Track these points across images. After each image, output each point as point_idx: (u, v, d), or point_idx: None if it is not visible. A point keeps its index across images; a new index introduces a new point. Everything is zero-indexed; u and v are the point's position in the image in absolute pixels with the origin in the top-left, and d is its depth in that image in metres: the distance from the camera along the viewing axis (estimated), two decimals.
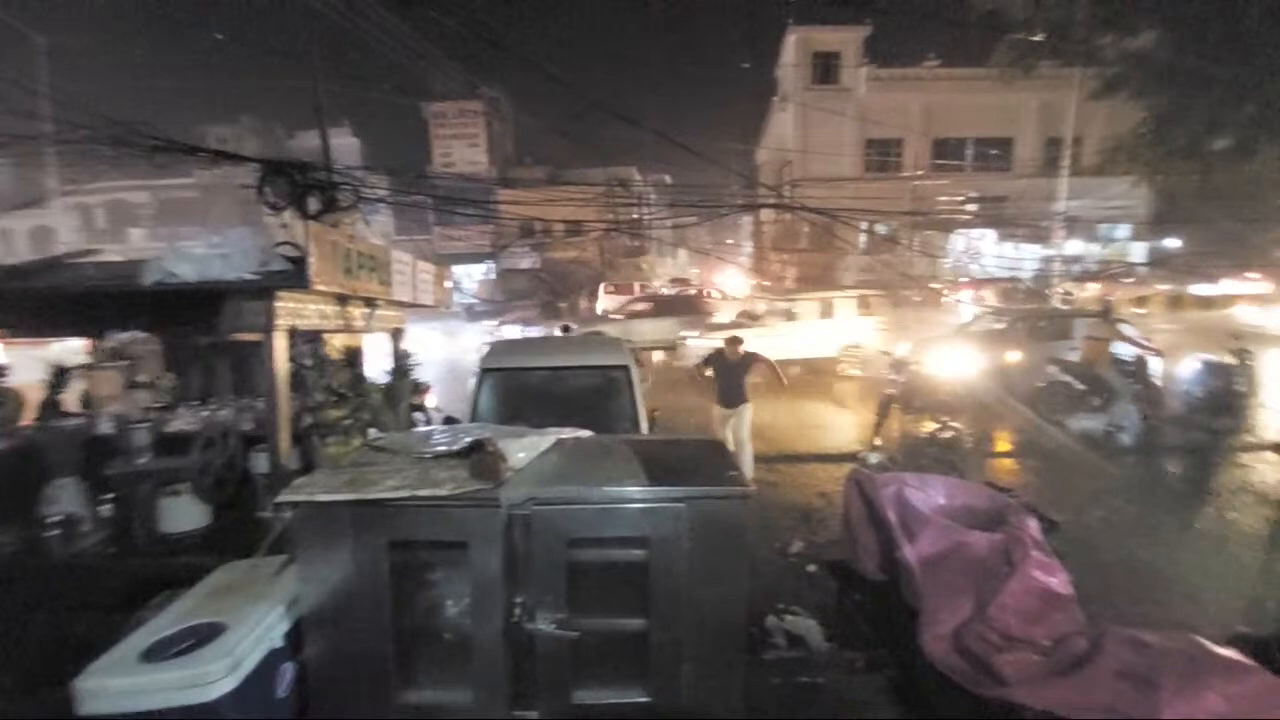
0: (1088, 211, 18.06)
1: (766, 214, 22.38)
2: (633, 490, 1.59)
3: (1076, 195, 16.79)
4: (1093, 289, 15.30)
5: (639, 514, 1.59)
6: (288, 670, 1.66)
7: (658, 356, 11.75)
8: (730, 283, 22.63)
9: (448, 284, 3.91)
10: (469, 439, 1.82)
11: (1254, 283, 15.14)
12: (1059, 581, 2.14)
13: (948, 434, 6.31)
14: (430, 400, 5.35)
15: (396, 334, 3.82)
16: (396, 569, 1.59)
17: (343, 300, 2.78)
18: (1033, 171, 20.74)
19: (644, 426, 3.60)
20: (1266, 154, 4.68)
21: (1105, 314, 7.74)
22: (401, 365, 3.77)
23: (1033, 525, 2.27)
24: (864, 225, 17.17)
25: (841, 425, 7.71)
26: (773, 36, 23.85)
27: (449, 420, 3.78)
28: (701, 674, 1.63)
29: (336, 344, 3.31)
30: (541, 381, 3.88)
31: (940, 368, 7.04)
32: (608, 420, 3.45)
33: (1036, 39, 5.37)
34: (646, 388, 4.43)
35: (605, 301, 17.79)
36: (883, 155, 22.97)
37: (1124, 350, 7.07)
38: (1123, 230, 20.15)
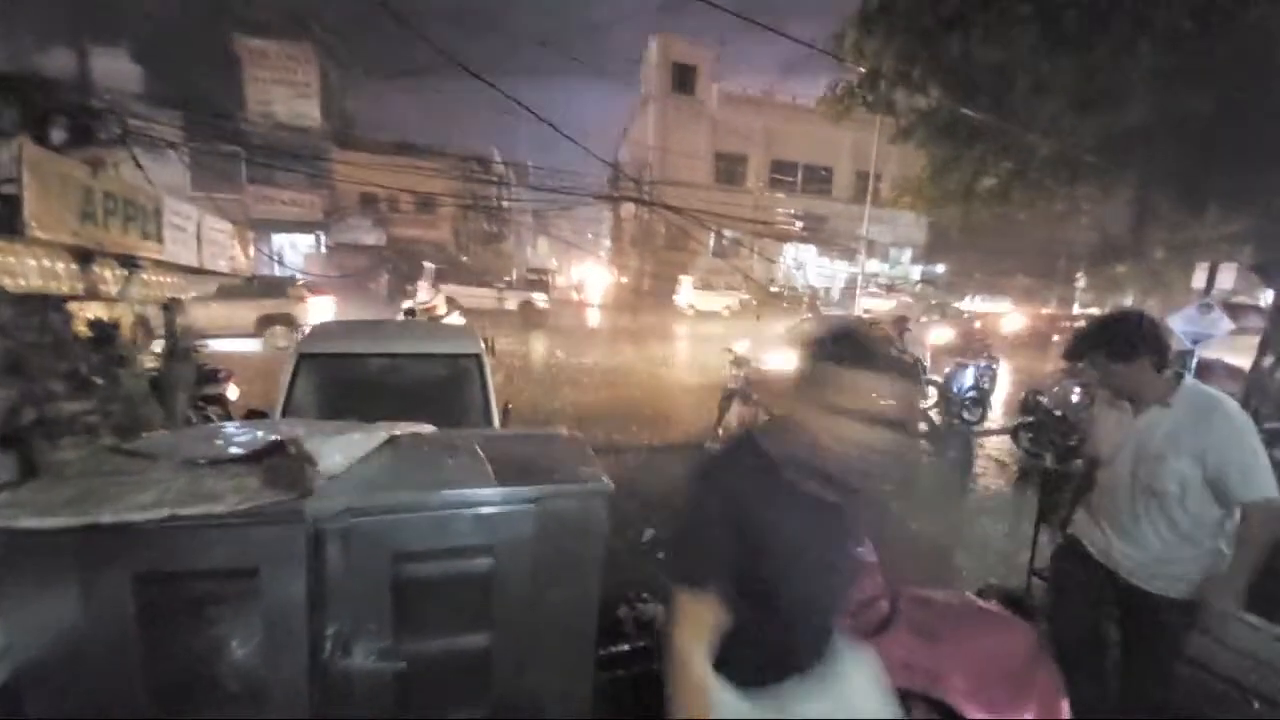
0: (883, 236, 21.54)
1: (626, 211, 22.85)
2: (476, 493, 1.40)
3: (876, 222, 19.98)
4: (887, 304, 18.20)
5: (483, 519, 1.41)
6: None
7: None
8: (591, 276, 22.70)
9: (252, 249, 3.23)
10: (266, 439, 1.48)
11: (1000, 301, 19.47)
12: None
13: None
14: (232, 391, 4.46)
15: (172, 305, 3.05)
16: (150, 609, 1.22)
17: (84, 257, 2.11)
18: (848, 198, 24.10)
19: (496, 422, 3.35)
20: (1018, 199, 5.91)
21: (902, 322, 9.20)
22: (178, 346, 3.03)
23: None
24: (713, 229, 18.39)
25: (689, 418, 8.15)
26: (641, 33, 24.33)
27: (252, 416, 3.15)
28: (549, 682, 1.52)
29: (89, 315, 2.54)
30: (376, 371, 3.40)
31: (774, 365, 7.75)
32: (456, 416, 3.12)
33: (854, 88, 6.19)
34: (499, 380, 4.16)
35: (424, 294, 13.95)
36: (730, 167, 24.84)
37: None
38: (907, 254, 24.32)
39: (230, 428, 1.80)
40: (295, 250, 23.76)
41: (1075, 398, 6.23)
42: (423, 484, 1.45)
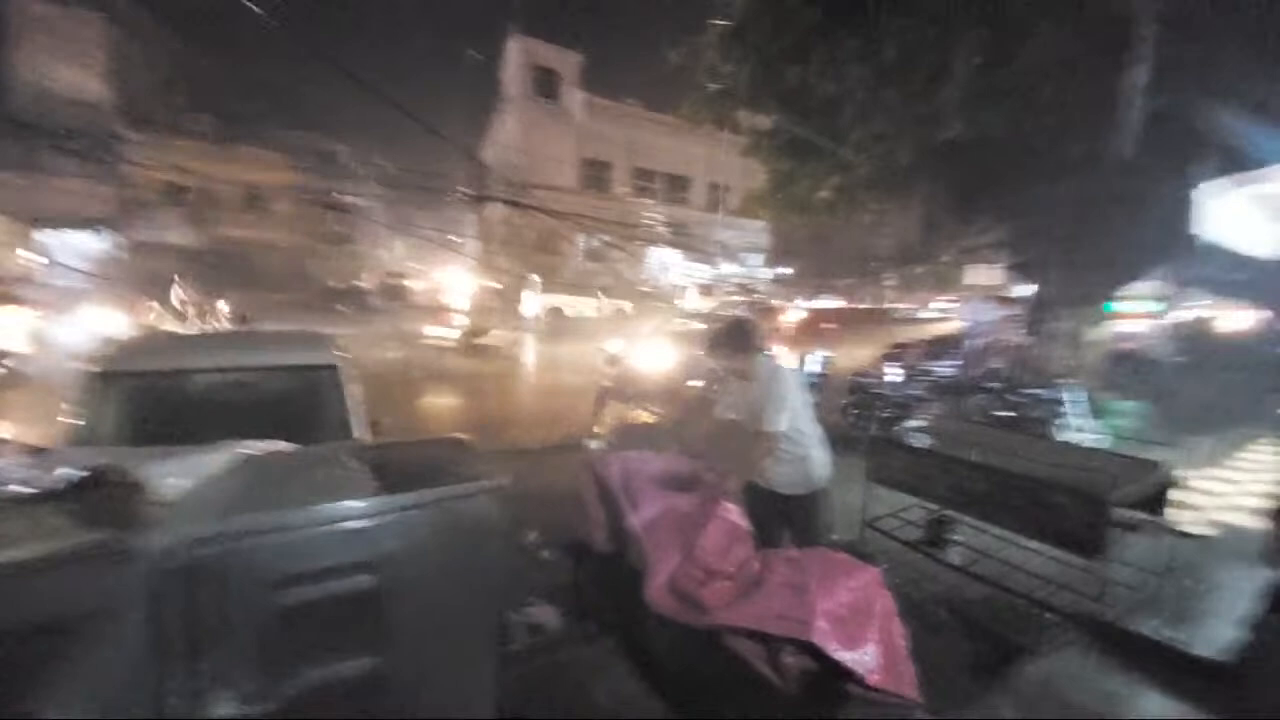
0: (736, 241, 23.48)
1: (494, 214, 22.14)
2: (351, 506, 1.31)
3: (729, 228, 21.71)
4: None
5: (364, 533, 1.32)
6: None
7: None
8: (455, 280, 21.55)
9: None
10: (78, 472, 1.24)
11: (835, 300, 22.10)
12: (738, 518, 2.64)
13: (654, 419, 7.28)
14: (3, 430, 3.56)
15: None
16: None
17: None
18: (703, 207, 25.83)
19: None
20: (843, 211, 6.82)
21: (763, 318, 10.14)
22: None
23: (720, 478, 2.76)
24: (583, 234, 18.57)
25: (566, 418, 8.15)
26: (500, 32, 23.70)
27: (38, 452, 2.56)
28: (451, 695, 1.47)
29: None
30: (205, 390, 2.93)
31: (646, 362, 8.07)
32: (310, 436, 2.80)
33: (710, 96, 6.70)
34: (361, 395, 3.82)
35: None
36: (596, 174, 25.25)
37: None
38: (756, 259, 26.68)
39: (17, 464, 1.47)
40: (67, 249, 19.35)
41: (892, 379, 7.35)
42: (286, 502, 1.31)
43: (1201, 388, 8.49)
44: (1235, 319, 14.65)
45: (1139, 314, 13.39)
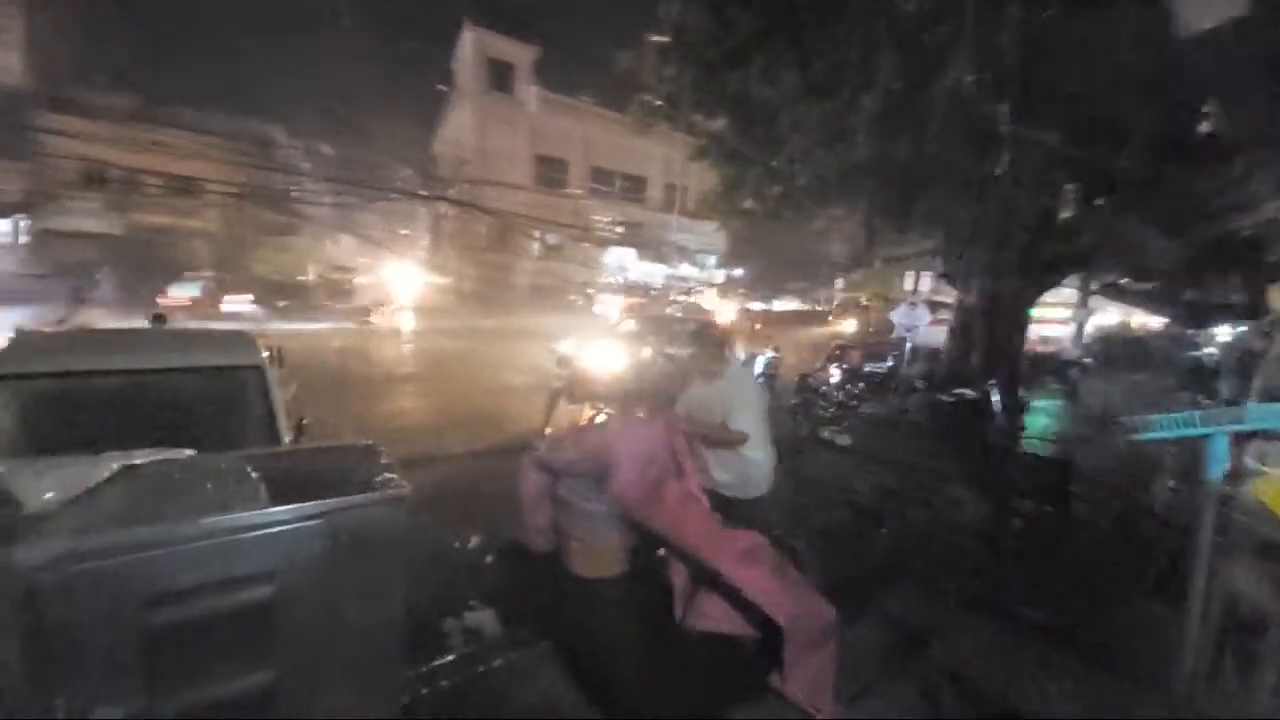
0: (691, 243, 23.79)
1: (445, 209, 21.61)
2: (243, 516, 1.29)
3: (684, 230, 21.98)
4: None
5: (257, 543, 1.30)
6: None
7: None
8: (403, 276, 20.93)
9: None
10: None
11: (786, 300, 22.83)
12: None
13: (602, 418, 7.31)
14: None
15: None
16: None
17: None
18: (659, 207, 26.02)
19: (286, 442, 2.95)
20: (787, 217, 7.04)
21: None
22: None
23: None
24: (536, 233, 18.38)
25: (514, 420, 8.08)
26: (453, 24, 23.12)
27: None
28: (348, 711, 1.46)
29: None
30: (108, 395, 2.75)
31: (596, 362, 8.10)
32: (230, 439, 2.66)
33: (656, 103, 6.78)
34: (290, 393, 3.68)
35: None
36: (551, 172, 24.99)
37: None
38: (712, 259, 27.14)
39: None
40: None
41: (834, 379, 7.66)
42: (172, 512, 1.27)
43: (1110, 389, 9.22)
44: (1143, 325, 16.04)
45: (1057, 320, 14.44)
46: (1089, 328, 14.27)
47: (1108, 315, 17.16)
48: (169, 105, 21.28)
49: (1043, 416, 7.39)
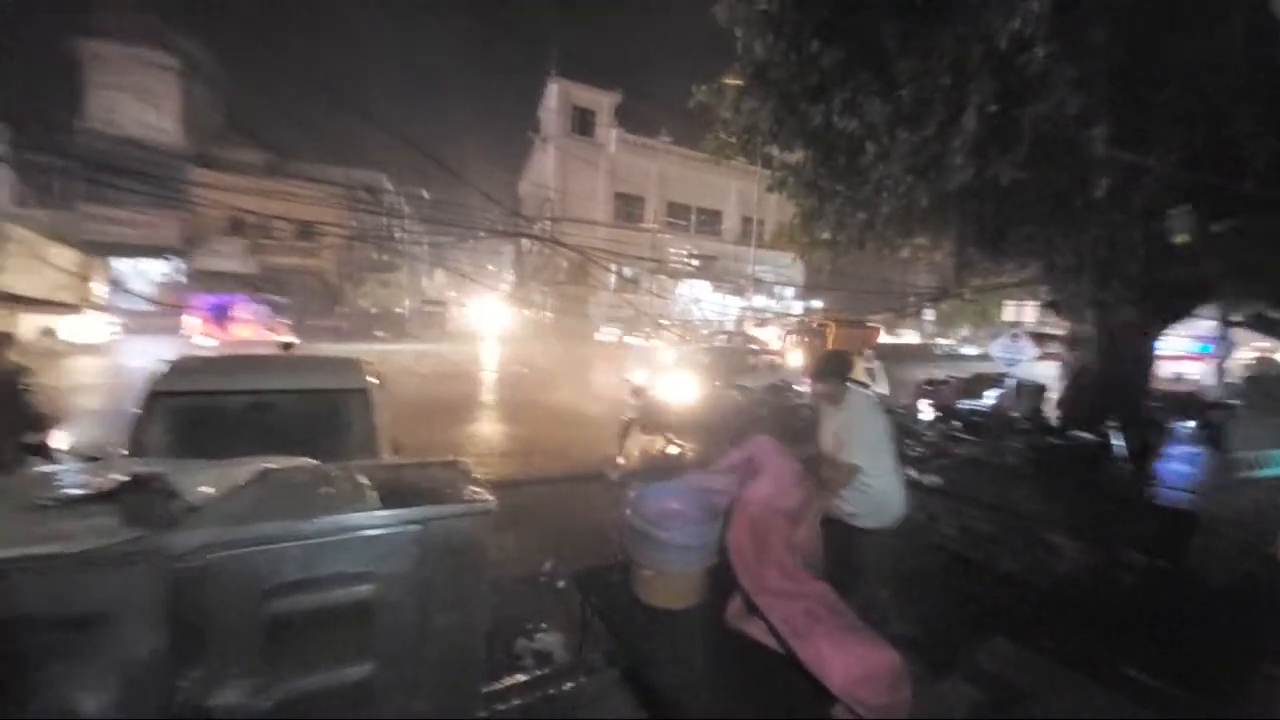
0: (768, 275, 23.48)
1: (528, 245, 22.86)
2: (353, 518, 1.41)
3: (761, 262, 21.77)
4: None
5: (362, 544, 1.42)
6: None
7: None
8: (489, 308, 22.24)
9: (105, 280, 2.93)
10: (121, 476, 1.40)
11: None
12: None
13: (675, 449, 7.27)
14: (62, 440, 3.85)
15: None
16: None
17: None
18: (735, 240, 26.01)
19: (385, 458, 3.23)
20: (871, 248, 6.80)
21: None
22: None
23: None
24: (613, 266, 18.94)
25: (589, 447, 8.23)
26: (537, 73, 24.92)
27: (92, 460, 2.81)
28: (436, 710, 1.53)
29: None
30: (243, 410, 3.16)
31: (669, 393, 8.11)
32: (337, 454, 2.98)
33: (731, 139, 6.86)
34: (388, 417, 4.01)
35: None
36: (629, 208, 25.87)
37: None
38: (789, 291, 26.57)
39: (77, 469, 1.65)
40: (142, 276, 20.91)
41: (924, 416, 7.19)
42: (295, 512, 1.42)
43: (1259, 432, 7.97)
44: None
45: (1191, 356, 12.74)
46: (1230, 363, 12.48)
47: (1252, 349, 14.94)
48: (296, 159, 24.35)
49: (1179, 464, 6.51)
